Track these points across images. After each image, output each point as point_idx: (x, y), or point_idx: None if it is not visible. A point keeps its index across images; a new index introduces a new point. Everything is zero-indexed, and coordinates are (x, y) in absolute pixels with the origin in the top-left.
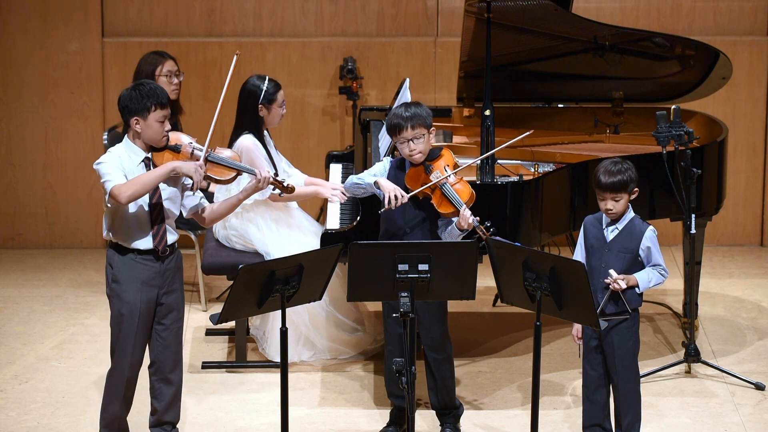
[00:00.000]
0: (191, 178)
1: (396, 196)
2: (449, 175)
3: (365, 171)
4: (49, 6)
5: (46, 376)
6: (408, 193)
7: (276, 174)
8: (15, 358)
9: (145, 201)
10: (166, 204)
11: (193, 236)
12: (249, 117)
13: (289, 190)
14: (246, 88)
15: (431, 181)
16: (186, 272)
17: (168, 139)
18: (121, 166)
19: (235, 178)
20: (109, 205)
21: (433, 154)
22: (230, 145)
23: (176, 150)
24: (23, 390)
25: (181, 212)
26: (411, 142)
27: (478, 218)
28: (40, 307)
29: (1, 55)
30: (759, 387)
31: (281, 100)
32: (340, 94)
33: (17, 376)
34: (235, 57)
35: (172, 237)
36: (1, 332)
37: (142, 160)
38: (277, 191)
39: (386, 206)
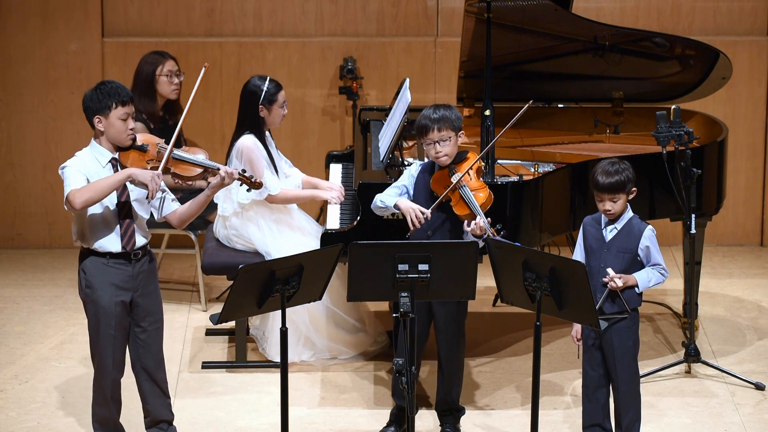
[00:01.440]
0: (146, 186)
1: (417, 216)
2: (467, 172)
3: (393, 184)
4: (49, 6)
5: (46, 376)
6: (434, 197)
7: (244, 171)
8: (15, 358)
9: (112, 201)
10: (134, 206)
11: (193, 236)
12: (250, 117)
13: (257, 185)
14: (247, 89)
15: (452, 183)
16: (186, 272)
17: (135, 139)
18: (85, 170)
19: (201, 175)
20: (66, 208)
21: (460, 157)
22: (231, 146)
23: (143, 149)
24: (23, 390)
25: (153, 215)
26: (437, 144)
27: (489, 220)
28: (40, 307)
29: (1, 55)
30: (759, 387)
31: (282, 101)
32: (340, 94)
33: (17, 376)
34: (203, 69)
35: (142, 239)
36: (1, 332)
37: (109, 161)
38: (245, 187)
39: (411, 228)
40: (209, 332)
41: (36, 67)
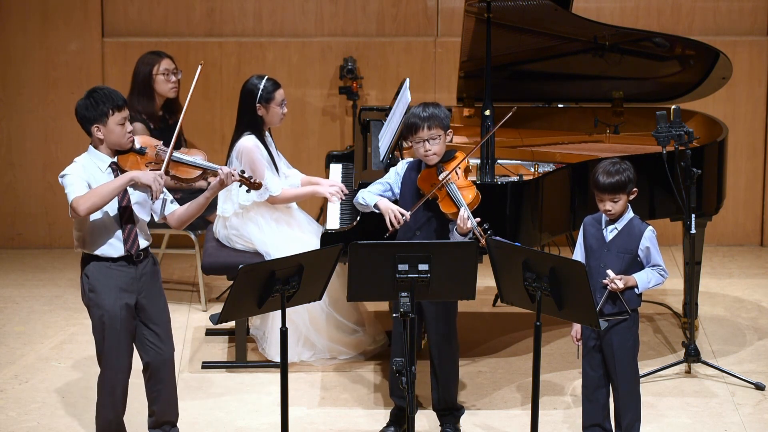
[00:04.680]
0: (150, 187)
1: (396, 216)
2: (454, 169)
3: (377, 181)
4: (49, 6)
5: (46, 376)
6: (420, 195)
7: (243, 171)
8: (15, 358)
9: (113, 207)
10: (135, 208)
11: (193, 236)
12: (248, 117)
13: (256, 186)
14: (245, 88)
15: (439, 181)
16: (186, 272)
17: (133, 141)
18: (86, 176)
19: (201, 176)
20: (70, 216)
21: (448, 156)
22: (231, 146)
23: (141, 152)
24: (23, 390)
25: (153, 217)
26: (426, 142)
27: (478, 219)
28: (40, 307)
29: (1, 55)
30: (759, 387)
31: (280, 99)
32: (340, 94)
33: (17, 376)
34: (199, 67)
35: (144, 242)
36: (1, 332)
37: (109, 166)
38: (245, 188)
39: (390, 228)
40: (209, 332)
41: (36, 67)
